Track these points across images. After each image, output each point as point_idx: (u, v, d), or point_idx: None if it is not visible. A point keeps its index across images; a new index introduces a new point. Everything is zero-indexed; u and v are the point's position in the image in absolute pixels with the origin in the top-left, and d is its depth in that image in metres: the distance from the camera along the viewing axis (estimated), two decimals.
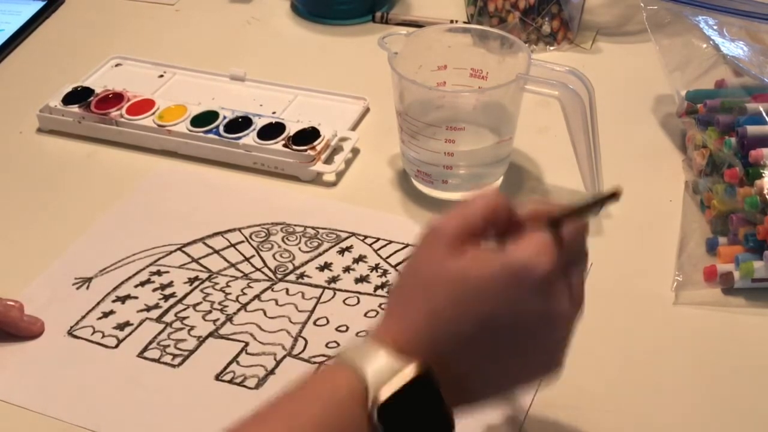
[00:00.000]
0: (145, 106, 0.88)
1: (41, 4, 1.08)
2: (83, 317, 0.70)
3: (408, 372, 0.47)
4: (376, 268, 0.73)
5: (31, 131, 0.89)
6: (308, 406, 0.47)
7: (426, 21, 1.02)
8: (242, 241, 0.76)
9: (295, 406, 0.48)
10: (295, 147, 0.82)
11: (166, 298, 0.71)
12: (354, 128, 0.88)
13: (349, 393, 0.47)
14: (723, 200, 0.73)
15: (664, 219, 0.76)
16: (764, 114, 0.74)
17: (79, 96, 0.89)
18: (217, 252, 0.75)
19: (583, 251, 0.52)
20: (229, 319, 0.69)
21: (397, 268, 0.73)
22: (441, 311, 0.48)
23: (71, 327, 0.69)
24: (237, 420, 0.48)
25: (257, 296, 0.71)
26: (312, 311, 0.70)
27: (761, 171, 0.70)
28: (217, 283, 0.72)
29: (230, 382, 0.64)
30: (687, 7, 0.83)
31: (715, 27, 0.82)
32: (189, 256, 0.75)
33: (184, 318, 0.69)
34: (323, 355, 0.66)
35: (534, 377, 0.53)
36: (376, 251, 0.74)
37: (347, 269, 0.73)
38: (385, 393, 0.46)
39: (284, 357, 0.66)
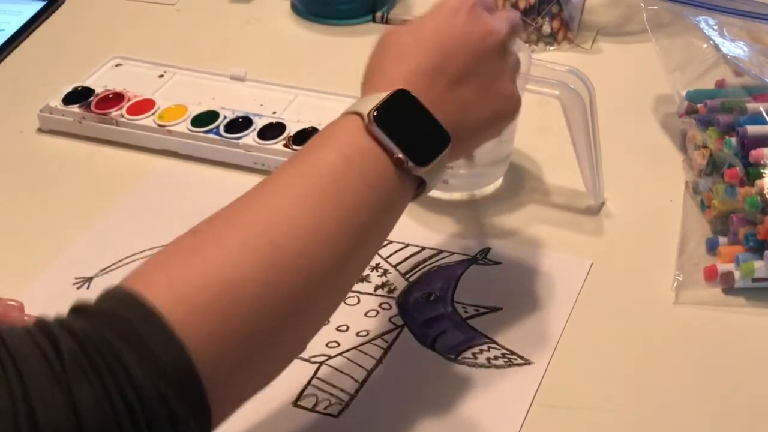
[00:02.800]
0: (145, 106, 0.88)
1: (41, 4, 1.08)
2: None
3: (389, 92, 0.56)
4: (376, 267, 0.73)
5: (32, 131, 0.89)
6: (320, 156, 0.55)
7: None
8: None
9: (314, 158, 0.55)
10: (295, 147, 0.82)
11: None
12: None
13: (355, 127, 0.55)
14: (723, 200, 0.73)
15: (664, 219, 0.76)
16: (764, 114, 0.74)
17: (79, 96, 0.89)
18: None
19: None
20: None
21: (398, 267, 0.73)
22: (405, 54, 0.59)
23: None
24: (264, 181, 0.54)
25: None
26: None
27: (761, 171, 0.70)
28: None
29: None
30: (687, 8, 0.83)
31: (715, 27, 0.82)
32: None
33: None
34: (323, 355, 0.66)
35: (500, 114, 0.63)
36: None
37: None
38: (373, 108, 0.55)
39: None
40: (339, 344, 0.67)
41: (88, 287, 0.72)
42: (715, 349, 0.66)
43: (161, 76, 0.94)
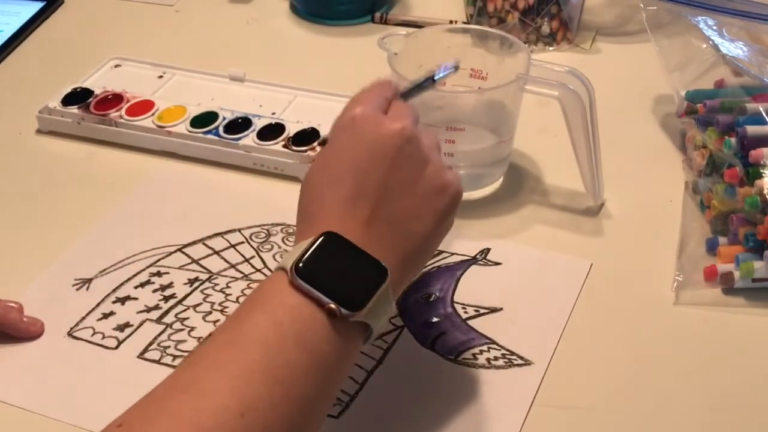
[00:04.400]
0: (144, 107, 0.88)
1: (40, 5, 1.08)
2: (83, 318, 0.70)
3: (311, 239, 0.53)
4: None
5: (31, 132, 0.89)
6: (250, 324, 0.51)
7: (425, 21, 1.01)
8: (242, 242, 0.76)
9: (244, 326, 0.51)
10: (294, 147, 0.82)
11: (166, 299, 0.71)
12: None
13: (281, 285, 0.52)
14: (723, 200, 0.73)
15: (664, 219, 0.76)
16: (764, 114, 0.74)
17: (78, 97, 0.89)
18: (217, 253, 0.75)
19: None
20: None
21: None
22: (317, 187, 0.56)
23: (71, 328, 0.69)
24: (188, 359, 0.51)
25: None
26: None
27: (761, 171, 0.70)
28: (217, 284, 0.72)
29: None
30: (686, 8, 0.83)
31: (714, 27, 0.82)
32: (189, 257, 0.75)
33: (185, 319, 0.69)
34: None
35: (440, 211, 0.58)
36: None
37: None
38: (296, 260, 0.52)
39: None
40: None
41: (87, 288, 0.72)
42: (715, 349, 0.66)
43: (160, 76, 0.94)
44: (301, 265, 0.52)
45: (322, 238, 0.53)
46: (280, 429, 0.49)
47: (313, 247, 0.53)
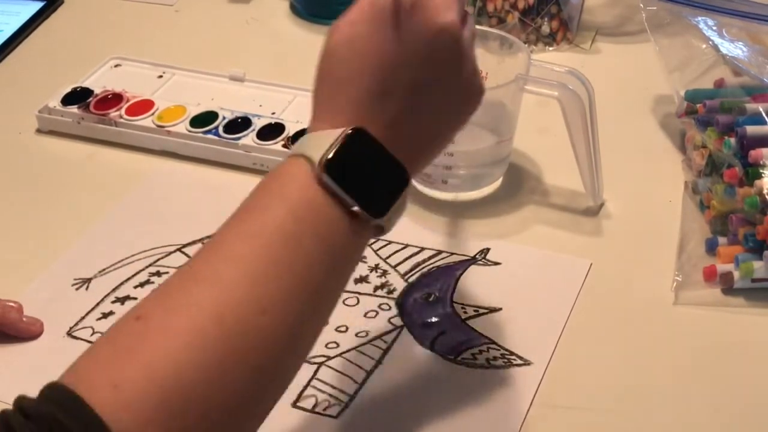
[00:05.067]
0: (144, 106, 0.88)
1: (40, 5, 1.08)
2: (83, 318, 0.70)
3: (340, 132, 0.50)
4: (375, 268, 0.73)
5: (31, 132, 0.89)
6: (268, 215, 0.49)
7: None
8: None
9: (262, 216, 0.49)
10: None
11: None
12: None
13: (304, 176, 0.49)
14: (722, 200, 0.73)
15: (663, 219, 0.76)
16: (764, 114, 0.74)
17: (78, 97, 0.89)
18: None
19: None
20: None
21: (397, 268, 0.73)
22: (349, 76, 0.52)
23: (71, 328, 0.69)
24: (202, 249, 0.50)
25: None
26: None
27: (761, 171, 0.70)
28: None
29: None
30: (686, 8, 0.83)
31: (714, 28, 0.82)
32: (189, 257, 0.75)
33: None
34: (323, 356, 0.66)
35: (462, 114, 0.56)
36: (375, 251, 0.74)
37: None
38: (324, 154, 0.49)
39: None
40: (338, 345, 0.67)
41: (87, 288, 0.72)
42: (715, 349, 0.66)
43: (160, 76, 0.94)
44: (329, 160, 0.49)
45: (351, 133, 0.50)
46: (297, 321, 0.48)
47: (344, 143, 0.50)
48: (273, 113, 0.88)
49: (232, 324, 0.45)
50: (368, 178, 0.51)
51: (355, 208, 0.50)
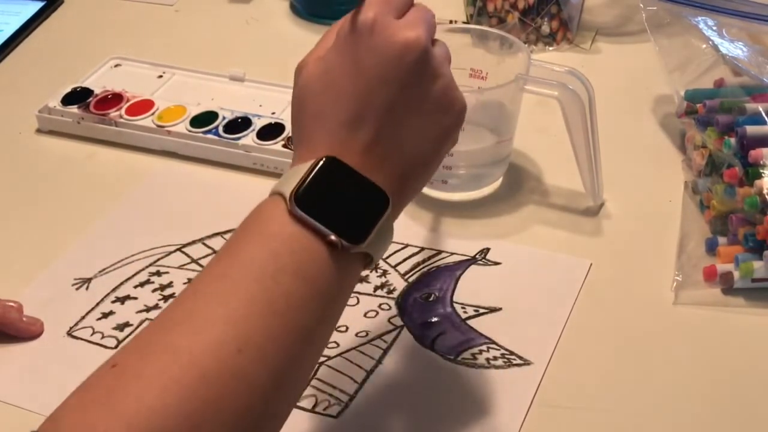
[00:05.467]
0: (144, 106, 0.88)
1: (40, 5, 1.08)
2: (83, 318, 0.70)
3: (310, 164, 0.50)
4: (375, 268, 0.73)
5: (31, 132, 0.89)
6: (245, 255, 0.49)
7: None
8: None
9: (241, 255, 0.49)
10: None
11: (165, 298, 0.71)
12: None
13: (279, 212, 0.49)
14: (722, 200, 0.73)
15: (663, 219, 0.76)
16: (764, 114, 0.74)
17: (78, 96, 0.89)
18: (216, 253, 0.75)
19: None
20: None
21: (397, 268, 0.73)
22: (320, 107, 0.52)
23: (71, 328, 0.69)
24: (184, 292, 0.49)
25: None
26: None
27: (761, 171, 0.70)
28: None
29: None
30: (686, 8, 0.83)
31: (714, 28, 0.82)
32: (189, 256, 0.75)
33: None
34: (323, 356, 0.66)
35: (445, 130, 0.55)
36: None
37: None
38: (295, 187, 0.49)
39: None
40: (338, 345, 0.67)
41: (87, 288, 0.72)
42: (715, 350, 0.66)
43: (160, 76, 0.94)
44: (300, 193, 0.49)
45: (322, 162, 0.50)
46: (279, 362, 0.47)
47: (313, 173, 0.50)
48: (273, 113, 0.88)
49: (208, 366, 0.44)
50: (342, 205, 0.50)
51: (332, 237, 0.49)
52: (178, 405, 0.43)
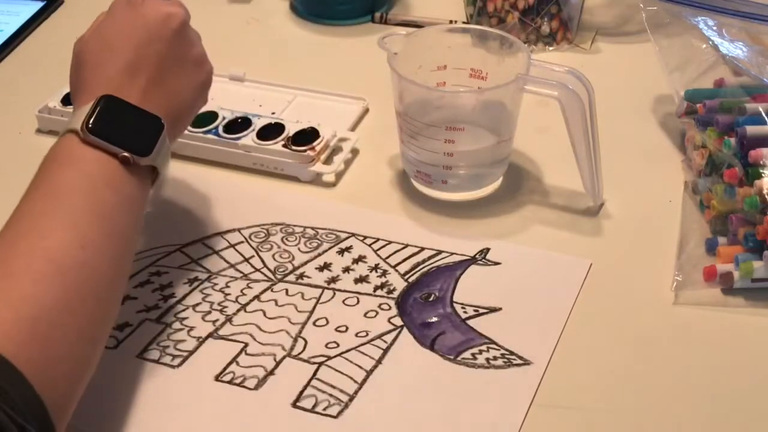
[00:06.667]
0: None
1: (40, 5, 1.08)
2: None
3: (92, 103, 0.62)
4: (375, 268, 0.73)
5: (30, 132, 0.89)
6: (61, 178, 0.60)
7: (425, 21, 1.02)
8: (242, 242, 0.76)
9: (57, 182, 0.60)
10: (294, 147, 0.82)
11: (165, 298, 0.71)
12: (353, 129, 0.88)
13: (75, 144, 0.61)
14: (722, 200, 0.73)
15: (663, 219, 0.76)
16: (764, 114, 0.74)
17: None
18: (216, 252, 0.75)
19: None
20: (229, 319, 0.69)
21: (397, 268, 0.73)
22: (97, 63, 0.65)
23: None
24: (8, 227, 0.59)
25: (257, 297, 0.71)
26: (311, 312, 0.70)
27: (761, 171, 0.70)
28: (216, 284, 0.72)
29: (230, 382, 0.64)
30: (686, 8, 0.83)
31: (714, 28, 0.82)
32: (188, 256, 0.75)
33: (184, 318, 0.69)
34: (323, 356, 0.66)
35: (201, 84, 0.71)
36: (375, 251, 0.74)
37: (347, 269, 0.73)
38: (85, 121, 0.61)
39: (284, 357, 0.66)
40: (338, 345, 0.67)
41: None
42: (715, 350, 0.66)
43: None
44: (90, 124, 0.61)
45: (103, 100, 0.62)
46: (113, 254, 0.59)
47: (98, 108, 0.62)
48: (273, 113, 0.88)
49: (61, 260, 0.56)
50: (126, 130, 0.63)
51: (125, 154, 0.61)
52: (47, 292, 0.54)
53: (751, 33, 0.82)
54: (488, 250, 0.74)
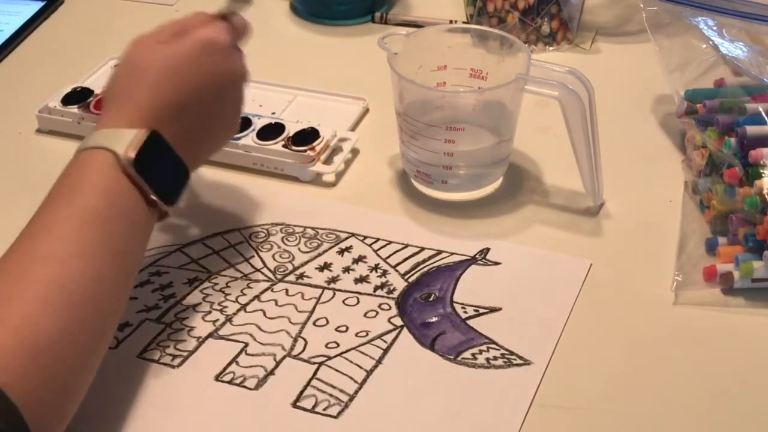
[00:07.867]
0: None
1: (40, 5, 1.08)
2: None
3: (143, 134, 0.62)
4: (375, 268, 0.73)
5: (31, 132, 0.89)
6: (87, 200, 0.60)
7: (425, 21, 1.02)
8: (242, 242, 0.76)
9: (77, 202, 0.60)
10: (294, 147, 0.82)
11: (165, 298, 0.71)
12: (353, 129, 0.88)
13: (110, 168, 0.61)
14: (722, 200, 0.73)
15: (663, 219, 0.76)
16: (764, 114, 0.74)
17: (78, 96, 0.89)
18: (216, 252, 0.75)
19: (244, 28, 0.71)
20: (229, 319, 0.69)
21: (397, 268, 0.73)
22: (159, 85, 0.64)
23: None
24: (19, 237, 0.59)
25: (257, 297, 0.71)
26: (311, 312, 0.70)
27: (761, 171, 0.70)
28: (216, 284, 0.72)
29: (230, 382, 0.64)
30: (686, 8, 0.83)
31: (714, 28, 0.82)
32: (188, 256, 0.75)
33: (184, 318, 0.69)
34: (323, 356, 0.66)
35: (231, 127, 0.71)
36: (375, 251, 0.74)
37: (347, 269, 0.73)
38: (131, 152, 0.61)
39: (284, 357, 0.66)
40: (338, 345, 0.67)
41: None
42: (715, 350, 0.66)
43: None
44: (137, 159, 0.61)
45: (150, 135, 0.62)
46: (119, 291, 0.60)
47: (145, 142, 0.61)
48: (273, 113, 0.88)
49: (71, 291, 0.56)
50: (162, 173, 0.63)
51: (153, 197, 0.62)
52: (54, 322, 0.54)
53: (751, 33, 0.82)
54: (488, 250, 0.74)
